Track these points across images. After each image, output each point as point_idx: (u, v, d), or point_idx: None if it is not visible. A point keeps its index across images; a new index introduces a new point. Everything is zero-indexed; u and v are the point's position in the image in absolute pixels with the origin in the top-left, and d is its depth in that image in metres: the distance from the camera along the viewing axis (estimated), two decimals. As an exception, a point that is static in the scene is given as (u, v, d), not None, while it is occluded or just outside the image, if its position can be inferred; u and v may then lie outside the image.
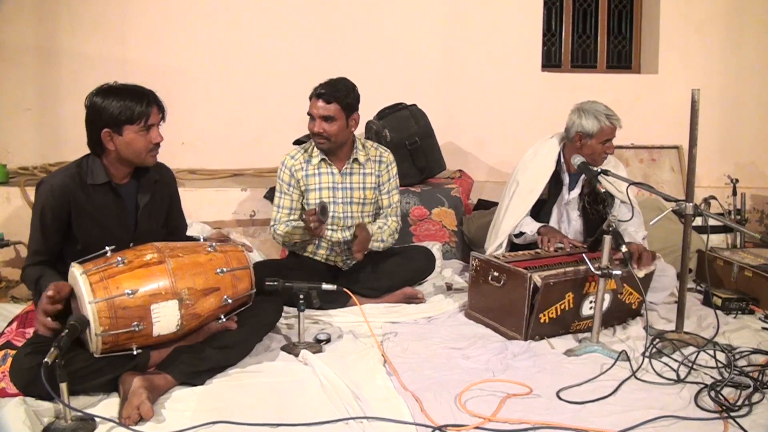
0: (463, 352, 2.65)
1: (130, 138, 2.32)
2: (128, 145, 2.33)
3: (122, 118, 2.30)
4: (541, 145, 3.34)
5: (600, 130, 3.10)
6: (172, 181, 2.68)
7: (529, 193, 3.24)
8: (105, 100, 2.30)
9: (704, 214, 2.74)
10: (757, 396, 2.23)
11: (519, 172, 3.32)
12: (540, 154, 3.30)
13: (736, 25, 5.03)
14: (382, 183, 3.29)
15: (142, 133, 2.33)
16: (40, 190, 2.35)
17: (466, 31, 4.82)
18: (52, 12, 4.45)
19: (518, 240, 3.25)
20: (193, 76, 4.61)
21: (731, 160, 5.08)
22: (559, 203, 3.29)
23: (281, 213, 3.21)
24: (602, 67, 5.27)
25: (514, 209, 3.26)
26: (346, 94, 3.05)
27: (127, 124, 2.31)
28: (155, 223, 2.54)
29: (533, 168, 3.28)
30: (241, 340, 2.46)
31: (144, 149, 2.36)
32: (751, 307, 3.17)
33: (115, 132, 2.31)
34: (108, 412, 2.09)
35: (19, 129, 4.49)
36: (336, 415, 2.09)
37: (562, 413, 2.15)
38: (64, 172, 2.37)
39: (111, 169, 2.40)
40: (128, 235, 2.42)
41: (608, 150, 3.14)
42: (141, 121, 2.32)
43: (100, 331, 2.08)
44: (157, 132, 2.38)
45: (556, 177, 3.26)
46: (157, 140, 2.38)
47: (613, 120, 3.10)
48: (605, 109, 3.13)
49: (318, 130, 3.06)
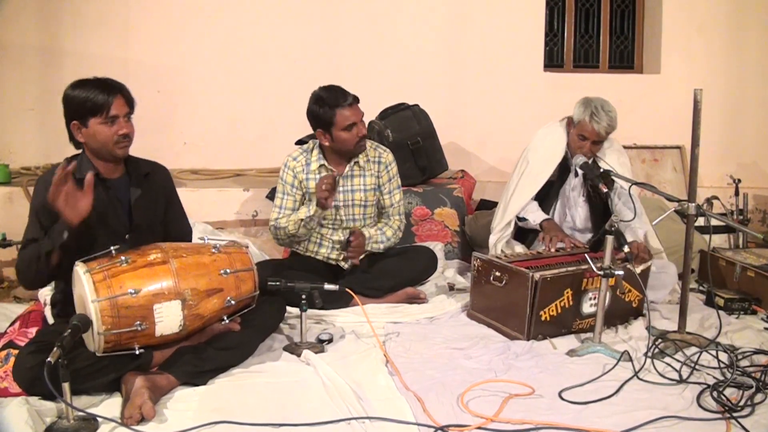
0: (466, 352, 2.65)
1: (94, 129, 2.33)
2: (94, 137, 2.34)
3: (85, 109, 2.31)
4: (552, 127, 3.33)
5: (580, 123, 3.11)
6: (168, 179, 2.66)
7: (538, 174, 3.26)
8: (72, 92, 2.33)
9: (707, 214, 2.74)
10: (760, 396, 2.22)
11: (530, 152, 3.33)
12: (550, 137, 3.30)
13: (739, 25, 5.01)
14: (383, 183, 3.28)
15: (106, 125, 2.33)
16: (37, 186, 2.38)
17: (468, 32, 4.82)
18: (54, 12, 4.46)
19: (521, 224, 3.26)
20: (195, 77, 4.61)
21: (734, 160, 5.07)
22: (568, 186, 3.30)
23: (283, 213, 3.20)
24: (604, 67, 5.26)
25: (522, 189, 3.28)
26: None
27: (91, 116, 2.32)
28: (151, 219, 2.52)
29: (543, 149, 3.29)
30: (244, 342, 2.46)
31: (110, 140, 2.34)
32: (754, 308, 3.16)
33: (82, 124, 2.33)
34: (110, 412, 2.09)
35: (22, 129, 4.50)
36: (338, 415, 2.10)
37: (565, 413, 2.15)
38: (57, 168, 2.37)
39: (95, 162, 2.40)
40: (124, 229, 2.41)
41: (584, 148, 3.12)
42: (103, 111, 2.31)
43: (102, 330, 2.09)
44: (123, 123, 2.36)
45: (564, 160, 3.26)
46: (123, 131, 2.35)
47: (594, 120, 3.07)
48: (599, 106, 3.10)
49: (365, 133, 3.12)
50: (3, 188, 4.01)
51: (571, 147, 3.20)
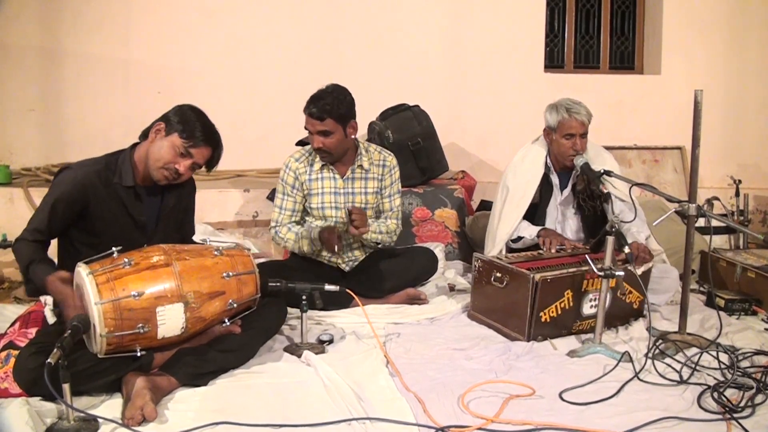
0: (466, 353, 2.65)
1: (166, 143, 2.37)
2: (159, 147, 2.38)
3: (180, 126, 2.36)
4: (528, 148, 3.34)
5: (559, 123, 3.10)
6: (193, 190, 2.72)
7: (521, 198, 3.23)
8: (189, 112, 2.41)
9: (707, 215, 2.73)
10: (760, 397, 2.22)
11: (508, 178, 3.31)
12: (528, 158, 3.30)
13: (740, 25, 5.02)
14: (384, 187, 3.28)
15: (178, 150, 2.37)
16: (63, 176, 2.37)
17: (468, 32, 4.82)
18: (55, 13, 4.46)
19: (517, 245, 3.24)
20: (195, 77, 4.61)
21: (734, 161, 5.08)
22: (553, 204, 3.29)
23: (284, 215, 3.21)
24: (605, 68, 5.27)
25: (508, 215, 3.25)
26: (336, 106, 2.97)
27: (179, 134, 2.36)
28: (171, 228, 2.58)
29: (522, 172, 3.28)
30: (245, 345, 2.46)
31: (164, 162, 2.38)
32: (754, 308, 3.16)
33: (167, 131, 2.38)
34: (111, 413, 2.09)
35: (23, 130, 4.50)
36: (339, 415, 2.09)
37: (565, 414, 2.15)
38: (92, 166, 2.40)
39: (139, 167, 2.43)
40: (144, 238, 2.45)
41: (575, 146, 3.10)
42: (188, 142, 2.36)
43: (105, 332, 2.08)
44: (188, 166, 2.40)
45: (545, 179, 3.26)
46: (179, 168, 2.39)
47: (573, 113, 3.06)
48: (569, 102, 3.11)
49: (318, 146, 3.05)
50: (3, 189, 4.01)
51: (560, 155, 3.16)
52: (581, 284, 2.79)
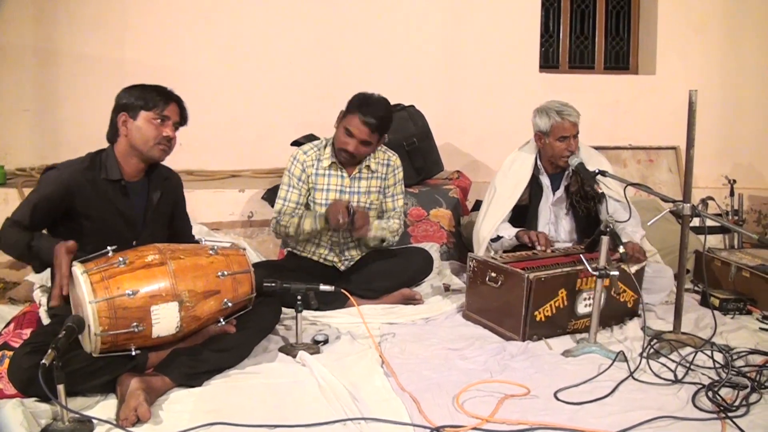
0: (461, 352, 2.65)
1: (142, 123, 2.40)
2: (139, 131, 2.40)
3: (139, 103, 2.40)
4: (518, 152, 3.37)
5: (552, 127, 3.12)
6: (179, 185, 2.73)
7: (507, 199, 3.26)
8: (131, 89, 2.42)
9: (702, 214, 2.74)
10: (755, 396, 2.23)
11: (497, 179, 3.36)
12: (518, 162, 3.33)
13: (735, 25, 5.03)
14: (387, 186, 3.29)
15: (155, 122, 2.40)
16: (49, 176, 2.38)
17: (464, 33, 4.83)
18: (51, 13, 4.45)
19: (495, 245, 3.24)
20: (191, 77, 4.60)
21: (729, 160, 5.09)
22: (545, 205, 3.29)
23: (287, 206, 3.19)
24: (600, 68, 5.28)
25: (492, 214, 3.28)
26: (388, 123, 3.09)
27: (143, 110, 2.39)
28: (160, 224, 2.58)
29: (511, 175, 3.31)
30: (240, 344, 2.46)
31: (153, 138, 2.40)
32: (749, 308, 3.18)
33: (131, 116, 2.40)
34: (105, 414, 2.08)
35: (18, 130, 4.49)
36: (334, 416, 2.09)
37: (560, 414, 2.15)
38: (77, 165, 2.41)
39: (123, 162, 2.44)
40: (133, 234, 2.45)
41: (570, 147, 3.13)
42: (156, 109, 2.39)
43: (99, 331, 2.08)
44: (171, 128, 2.44)
45: (535, 181, 3.26)
46: (168, 134, 2.43)
47: (565, 115, 3.09)
48: (558, 105, 3.14)
49: (351, 150, 3.05)
50: (-2, 189, 4.00)
51: (555, 157, 3.18)
52: (575, 283, 2.80)
